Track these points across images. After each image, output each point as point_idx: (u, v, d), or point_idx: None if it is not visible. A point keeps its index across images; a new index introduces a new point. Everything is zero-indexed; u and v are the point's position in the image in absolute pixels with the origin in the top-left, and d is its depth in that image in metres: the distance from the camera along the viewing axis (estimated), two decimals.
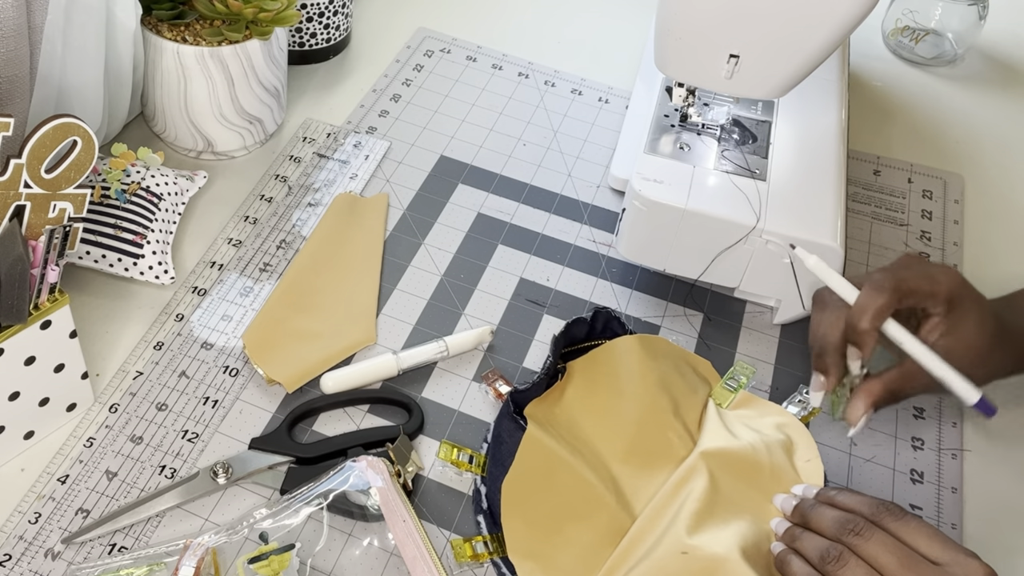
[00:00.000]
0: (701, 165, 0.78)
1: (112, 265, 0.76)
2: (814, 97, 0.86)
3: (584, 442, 0.68)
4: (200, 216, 0.84)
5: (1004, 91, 1.07)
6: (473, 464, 0.67)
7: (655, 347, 0.73)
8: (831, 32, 0.68)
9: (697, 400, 0.70)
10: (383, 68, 1.01)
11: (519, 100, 0.99)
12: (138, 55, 0.81)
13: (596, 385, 0.71)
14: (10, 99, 0.67)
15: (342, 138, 0.92)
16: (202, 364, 0.73)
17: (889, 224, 0.90)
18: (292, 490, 0.63)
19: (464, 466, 0.67)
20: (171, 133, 0.86)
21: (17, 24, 0.65)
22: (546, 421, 0.68)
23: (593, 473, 0.65)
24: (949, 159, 0.98)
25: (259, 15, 0.80)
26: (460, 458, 0.67)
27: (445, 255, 0.83)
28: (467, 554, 0.62)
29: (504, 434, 0.67)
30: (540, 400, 0.70)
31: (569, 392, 0.71)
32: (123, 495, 0.65)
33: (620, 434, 0.68)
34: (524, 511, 0.63)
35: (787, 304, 0.78)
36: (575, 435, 0.68)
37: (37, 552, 0.61)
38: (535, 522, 0.63)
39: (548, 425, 0.68)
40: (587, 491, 0.64)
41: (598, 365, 0.72)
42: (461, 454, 0.67)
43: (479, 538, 0.63)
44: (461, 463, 0.67)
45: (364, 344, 0.75)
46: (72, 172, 0.63)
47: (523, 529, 0.63)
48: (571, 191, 0.89)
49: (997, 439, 0.73)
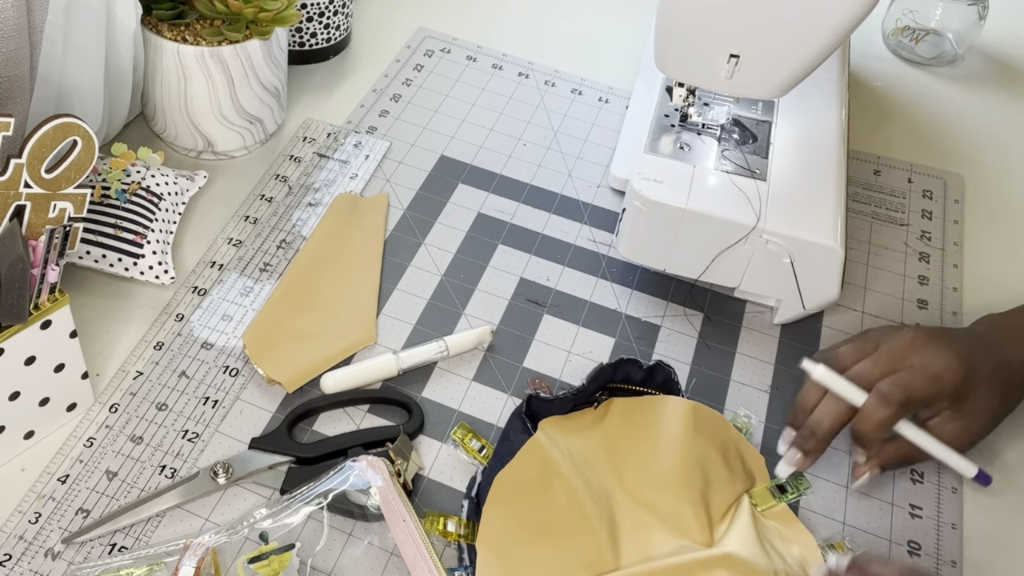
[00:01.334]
0: (701, 165, 0.78)
1: (112, 265, 0.76)
2: (814, 97, 0.86)
3: (595, 471, 0.66)
4: (200, 216, 0.84)
5: (1004, 91, 1.07)
6: (482, 455, 0.67)
7: (710, 423, 0.69)
8: (831, 32, 0.68)
9: (731, 492, 0.66)
10: (383, 68, 1.01)
11: (519, 100, 0.99)
12: (138, 55, 0.81)
13: (633, 430, 0.68)
14: (10, 99, 0.67)
15: (342, 138, 0.92)
16: (202, 364, 0.73)
17: (889, 224, 0.90)
18: (292, 490, 0.63)
19: (472, 451, 0.67)
20: (171, 133, 0.86)
21: (17, 24, 0.65)
22: (560, 436, 0.67)
23: (592, 502, 0.64)
24: (949, 159, 0.98)
25: (259, 15, 0.80)
26: (471, 444, 0.67)
27: (445, 255, 0.83)
28: (438, 527, 0.62)
29: (512, 433, 0.67)
30: (563, 419, 0.69)
31: (602, 424, 0.69)
32: (123, 495, 0.65)
33: (638, 483, 0.65)
34: (508, 508, 0.63)
35: (787, 304, 0.78)
36: (588, 462, 0.66)
37: (37, 552, 0.61)
38: (514, 523, 0.62)
39: (561, 440, 0.67)
40: (579, 515, 0.63)
41: (643, 414, 0.69)
42: (474, 440, 0.67)
43: (455, 518, 0.63)
44: (471, 448, 0.67)
45: (364, 344, 0.75)
46: (72, 172, 0.63)
47: (500, 525, 0.62)
48: (571, 191, 0.89)
49: (997, 439, 0.73)
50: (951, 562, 0.66)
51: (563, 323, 0.78)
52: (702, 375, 0.75)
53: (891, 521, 0.68)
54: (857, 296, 0.83)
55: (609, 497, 0.65)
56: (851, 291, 0.83)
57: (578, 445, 0.67)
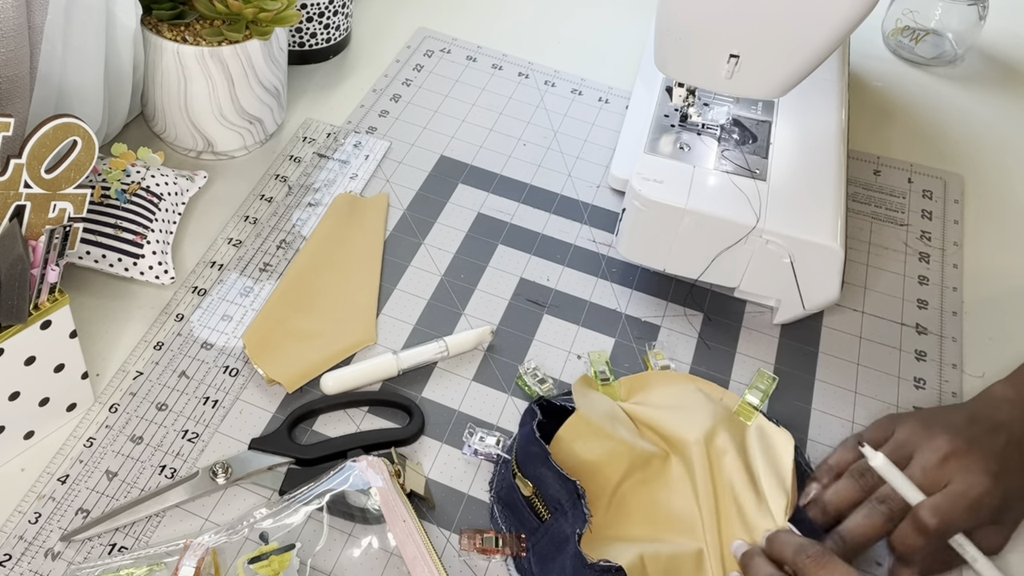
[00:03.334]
0: (701, 165, 0.78)
1: (112, 265, 0.76)
2: (814, 97, 0.86)
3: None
4: (200, 216, 0.84)
5: (1004, 91, 1.07)
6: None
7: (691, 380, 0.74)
8: (831, 32, 0.68)
9: (731, 426, 0.69)
10: (383, 68, 1.01)
11: (519, 100, 0.99)
12: (138, 55, 0.81)
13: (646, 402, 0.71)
14: (10, 99, 0.67)
15: (342, 138, 0.92)
16: (202, 364, 0.73)
17: (889, 224, 0.90)
18: (291, 491, 0.63)
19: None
20: (171, 133, 0.86)
21: (17, 24, 0.65)
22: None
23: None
24: (949, 159, 0.98)
25: (259, 15, 0.80)
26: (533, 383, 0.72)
27: (445, 255, 0.83)
28: (476, 545, 0.62)
29: (523, 440, 0.66)
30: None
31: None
32: (123, 495, 0.65)
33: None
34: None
35: (787, 304, 0.78)
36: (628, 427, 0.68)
37: (37, 552, 0.61)
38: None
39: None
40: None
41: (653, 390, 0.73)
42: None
43: (492, 533, 0.64)
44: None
45: (364, 344, 0.75)
46: (72, 172, 0.63)
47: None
48: (571, 191, 0.89)
49: None
50: None
51: (563, 323, 0.78)
52: (702, 375, 0.75)
53: None
54: (857, 296, 0.83)
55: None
56: (851, 291, 0.83)
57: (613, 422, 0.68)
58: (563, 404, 0.68)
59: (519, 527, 0.64)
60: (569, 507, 0.61)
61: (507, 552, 0.62)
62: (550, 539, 0.61)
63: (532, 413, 0.66)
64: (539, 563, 0.61)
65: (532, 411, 0.67)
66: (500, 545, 0.62)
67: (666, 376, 0.74)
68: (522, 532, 0.63)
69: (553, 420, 0.66)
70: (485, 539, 0.63)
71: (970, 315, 0.82)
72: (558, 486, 0.61)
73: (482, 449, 0.68)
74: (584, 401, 0.67)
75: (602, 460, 0.64)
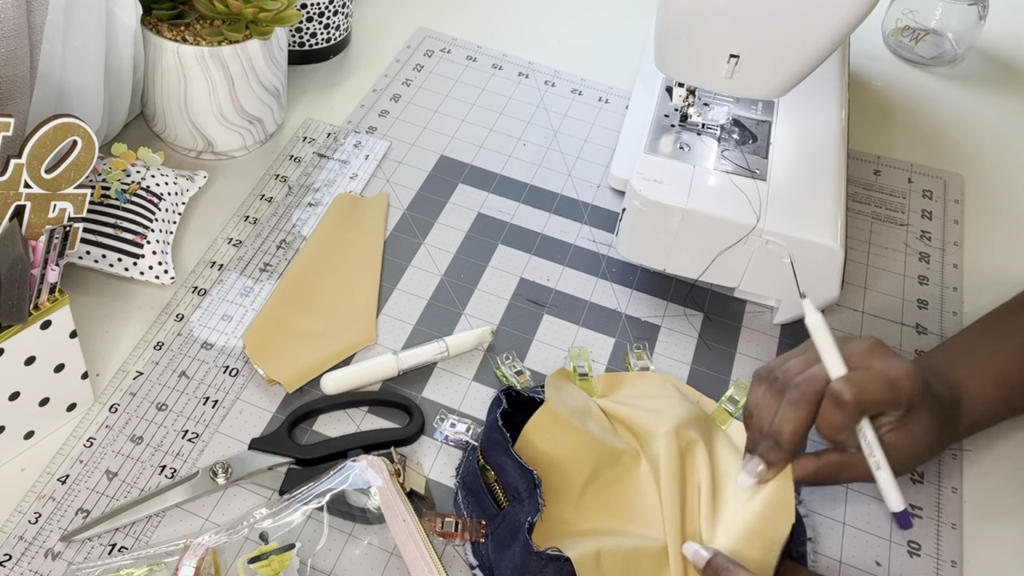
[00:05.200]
0: (701, 165, 0.78)
1: (112, 265, 0.76)
2: (814, 97, 0.86)
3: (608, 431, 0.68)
4: (200, 216, 0.84)
5: (1004, 91, 1.07)
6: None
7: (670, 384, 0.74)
8: (831, 32, 0.68)
9: (703, 424, 0.70)
10: (383, 68, 1.01)
11: (519, 100, 0.99)
12: (138, 55, 0.81)
13: (623, 401, 0.71)
14: (10, 99, 0.67)
15: (342, 138, 0.92)
16: (202, 364, 0.73)
17: (889, 224, 0.90)
18: (291, 491, 0.63)
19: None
20: (171, 133, 0.86)
21: (17, 24, 0.65)
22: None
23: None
24: (949, 159, 0.98)
25: (259, 15, 0.80)
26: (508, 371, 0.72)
27: (445, 255, 0.83)
28: (436, 528, 0.63)
29: (489, 430, 0.67)
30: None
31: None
32: (123, 495, 0.65)
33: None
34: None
35: (787, 304, 0.78)
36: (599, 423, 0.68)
37: (37, 552, 0.61)
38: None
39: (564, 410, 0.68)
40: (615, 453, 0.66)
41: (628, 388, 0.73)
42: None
43: (452, 517, 0.64)
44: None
45: (364, 344, 0.75)
46: (72, 172, 0.63)
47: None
48: (571, 191, 0.89)
49: (997, 439, 0.73)
50: (951, 562, 0.66)
51: (563, 323, 0.78)
52: (702, 375, 0.75)
53: (891, 521, 0.68)
54: (857, 296, 0.83)
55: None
56: (851, 291, 0.83)
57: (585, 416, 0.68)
58: (531, 396, 0.68)
59: (480, 513, 0.64)
60: (526, 496, 0.62)
61: (466, 537, 0.63)
62: (507, 526, 0.62)
63: (498, 402, 0.67)
64: (496, 549, 0.62)
65: (499, 400, 0.68)
66: (460, 530, 0.63)
67: (644, 376, 0.74)
68: (483, 519, 0.64)
69: (528, 412, 0.67)
70: (446, 523, 0.63)
71: (970, 315, 0.82)
72: (516, 475, 0.63)
73: (452, 436, 0.69)
74: (556, 394, 0.68)
75: (567, 453, 0.65)
